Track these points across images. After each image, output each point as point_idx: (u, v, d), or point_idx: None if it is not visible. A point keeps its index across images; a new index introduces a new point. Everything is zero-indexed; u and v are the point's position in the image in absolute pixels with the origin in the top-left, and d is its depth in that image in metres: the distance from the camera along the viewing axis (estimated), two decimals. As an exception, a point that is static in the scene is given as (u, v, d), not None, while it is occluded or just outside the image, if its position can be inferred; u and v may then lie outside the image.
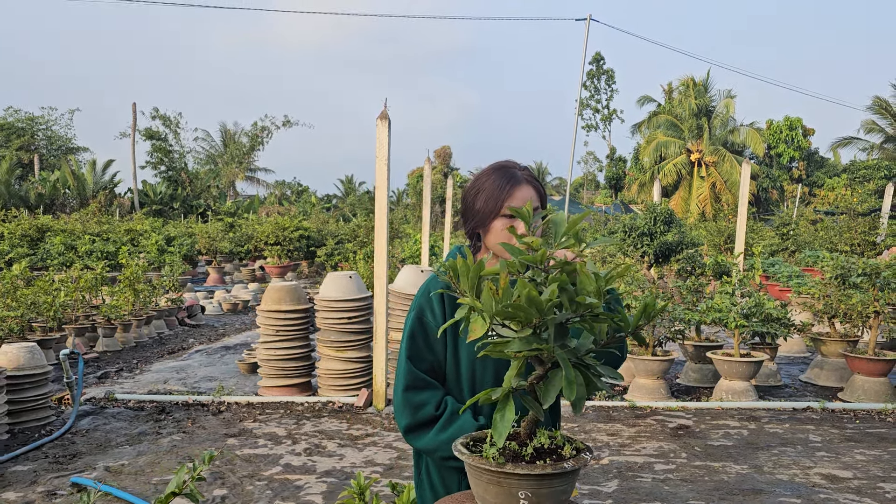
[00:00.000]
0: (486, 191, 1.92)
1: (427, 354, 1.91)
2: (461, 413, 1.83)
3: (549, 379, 1.29)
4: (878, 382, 6.79)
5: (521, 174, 1.94)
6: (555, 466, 1.28)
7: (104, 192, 34.88)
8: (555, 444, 1.45)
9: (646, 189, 37.49)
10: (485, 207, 1.91)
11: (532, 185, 1.93)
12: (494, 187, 1.90)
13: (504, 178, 1.91)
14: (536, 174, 19.41)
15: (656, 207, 15.76)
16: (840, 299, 7.33)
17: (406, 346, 1.91)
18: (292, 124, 42.70)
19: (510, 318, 1.15)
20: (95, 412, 6.38)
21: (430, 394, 1.87)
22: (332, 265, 19.13)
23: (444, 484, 1.95)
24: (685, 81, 38.31)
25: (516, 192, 1.89)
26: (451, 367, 1.93)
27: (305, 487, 4.58)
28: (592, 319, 1.20)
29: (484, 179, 1.94)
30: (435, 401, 1.87)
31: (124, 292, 10.27)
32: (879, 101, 37.61)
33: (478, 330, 1.32)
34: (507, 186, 1.89)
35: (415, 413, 1.86)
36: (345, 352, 6.84)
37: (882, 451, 5.35)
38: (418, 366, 1.90)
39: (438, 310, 1.92)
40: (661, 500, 4.37)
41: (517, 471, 1.26)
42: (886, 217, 17.64)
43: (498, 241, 1.90)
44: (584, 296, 1.12)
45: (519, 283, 1.12)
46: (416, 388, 1.88)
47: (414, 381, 1.88)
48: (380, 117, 6.34)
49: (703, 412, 6.48)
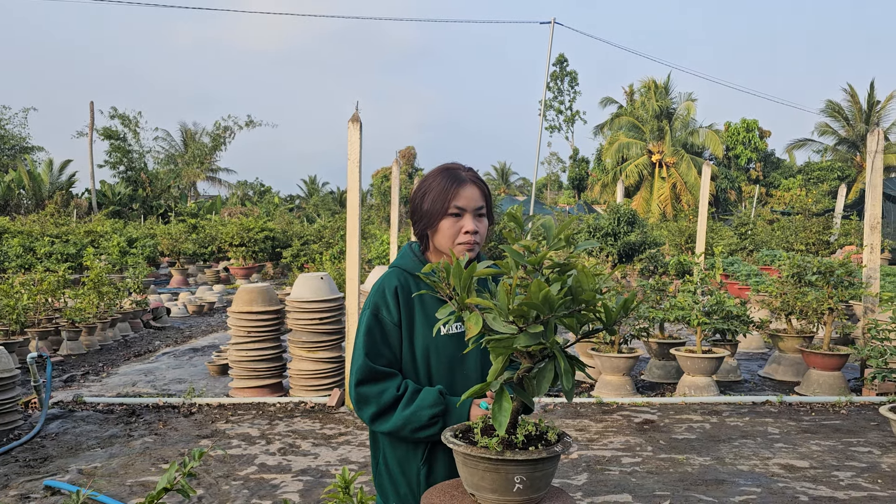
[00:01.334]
0: (432, 192, 2.01)
1: (384, 349, 1.99)
2: (458, 405, 1.93)
3: (540, 371, 1.39)
4: (833, 376, 7.08)
5: (465, 175, 2.03)
6: (548, 451, 1.39)
7: (61, 193, 34.13)
8: (539, 431, 1.56)
9: (608, 189, 38.01)
10: (432, 208, 2.00)
11: (476, 184, 2.02)
12: (440, 188, 1.99)
13: (449, 179, 2.00)
14: (501, 174, 19.71)
15: (620, 208, 16.06)
16: (796, 297, 7.60)
17: (363, 342, 1.99)
18: (255, 124, 42.35)
19: (521, 315, 1.25)
20: (64, 416, 6.32)
21: (388, 382, 1.96)
22: (298, 266, 19.05)
23: (402, 470, 2.03)
24: (646, 84, 38.94)
25: (461, 191, 1.98)
26: (408, 359, 2.01)
27: (282, 486, 4.63)
28: (582, 315, 1.31)
29: (430, 181, 2.03)
30: (395, 385, 1.95)
31: (88, 295, 10.13)
32: (832, 104, 38.77)
33: (473, 328, 1.42)
34: (452, 187, 1.98)
35: (378, 399, 1.94)
36: (316, 352, 6.88)
37: (836, 441, 5.60)
38: (376, 361, 1.98)
39: (393, 305, 2.00)
40: (628, 492, 4.52)
41: (516, 457, 1.37)
42: (840, 217, 18.24)
43: (445, 240, 2.00)
44: (590, 293, 1.22)
45: (535, 283, 1.22)
46: (373, 380, 1.96)
47: (371, 375, 1.96)
48: (351, 120, 6.41)
49: (667, 407, 6.68)
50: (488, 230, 2.07)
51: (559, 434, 1.53)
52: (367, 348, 1.97)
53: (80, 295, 10.14)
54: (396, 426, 1.93)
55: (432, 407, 1.91)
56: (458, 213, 1.98)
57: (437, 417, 1.91)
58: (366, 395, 1.95)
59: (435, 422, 1.91)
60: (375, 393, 1.94)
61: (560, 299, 1.24)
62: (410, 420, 1.91)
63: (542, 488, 1.45)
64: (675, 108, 38.41)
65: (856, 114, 38.30)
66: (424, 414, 1.90)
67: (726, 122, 41.49)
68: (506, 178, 56.42)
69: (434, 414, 1.90)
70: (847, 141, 38.94)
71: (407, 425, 1.92)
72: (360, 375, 1.96)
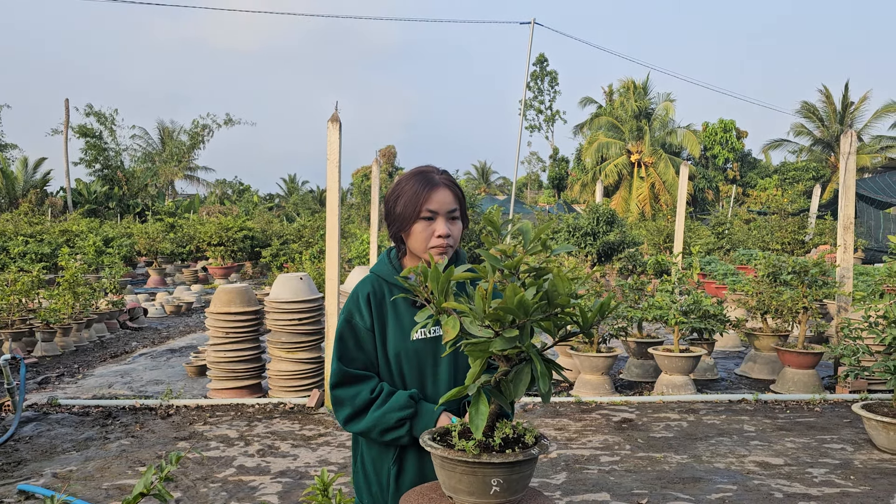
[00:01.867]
0: (405, 195, 2.02)
1: (357, 354, 2.03)
2: (436, 408, 1.95)
3: (517, 374, 1.40)
4: (807, 374, 7.18)
5: (438, 178, 2.03)
6: (525, 453, 1.40)
7: (35, 192, 33.67)
8: (517, 434, 1.57)
9: (588, 189, 38.24)
10: (404, 211, 2.01)
11: (449, 187, 2.03)
12: (412, 192, 2.00)
13: (421, 183, 2.01)
14: (482, 173, 19.74)
15: (599, 208, 16.16)
16: (772, 296, 7.70)
17: (336, 347, 2.04)
18: (234, 123, 42.01)
19: (497, 319, 1.26)
20: (38, 418, 6.23)
21: (364, 385, 2.00)
22: (277, 266, 18.94)
23: (375, 469, 2.07)
24: (626, 84, 39.22)
25: (433, 195, 1.99)
26: (382, 364, 2.05)
27: (260, 488, 4.61)
28: (559, 318, 1.32)
29: (403, 184, 2.04)
30: (369, 387, 1.99)
31: (63, 295, 9.99)
32: (807, 105, 39.31)
33: (450, 332, 1.42)
34: (423, 190, 1.99)
35: (353, 401, 1.98)
36: (296, 353, 6.85)
37: (810, 438, 5.68)
38: (349, 365, 2.02)
39: (366, 311, 2.03)
40: (607, 490, 4.56)
41: (493, 460, 1.38)
42: (814, 217, 18.49)
43: (418, 243, 2.02)
44: (565, 297, 1.24)
45: (510, 287, 1.23)
46: (347, 383, 2.01)
47: (344, 378, 2.01)
48: (331, 120, 6.39)
49: (645, 406, 6.74)
50: (463, 232, 2.08)
51: (537, 436, 1.54)
52: (340, 353, 2.02)
53: (55, 295, 10.01)
54: (367, 427, 1.97)
55: (401, 410, 1.94)
56: (430, 217, 1.99)
57: (405, 420, 1.94)
58: (341, 398, 2.00)
59: (402, 424, 1.94)
60: (350, 395, 1.98)
61: (535, 304, 1.25)
62: (380, 422, 1.95)
63: (519, 490, 1.46)
64: (654, 108, 38.73)
65: (830, 115, 38.87)
66: (392, 417, 1.94)
67: (704, 123, 41.93)
68: (486, 178, 56.54)
69: (402, 417, 1.94)
70: (822, 141, 39.51)
71: (376, 426, 1.96)
72: (335, 379, 2.01)
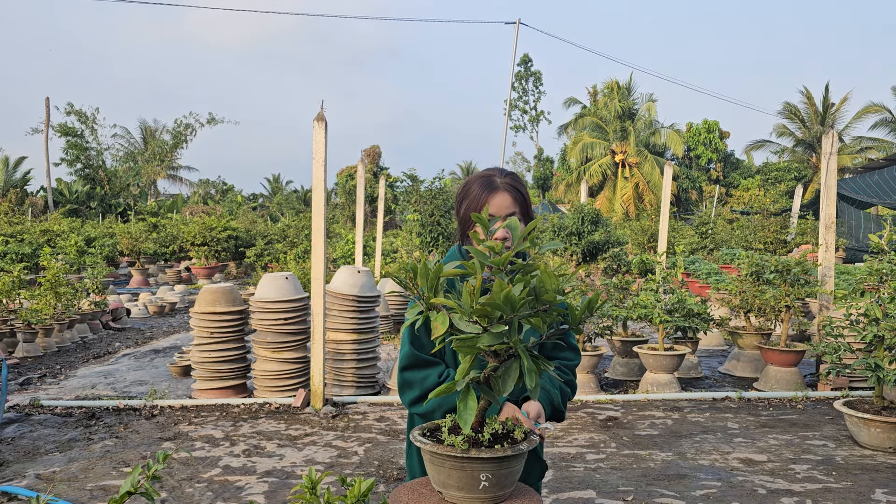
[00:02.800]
0: (468, 198, 2.12)
1: (428, 340, 2.08)
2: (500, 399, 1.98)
3: (506, 370, 1.41)
4: (790, 372, 7.26)
5: (500, 181, 2.11)
6: (513, 449, 1.41)
7: (15, 191, 33.31)
8: (506, 429, 1.58)
9: (572, 189, 38.39)
10: (466, 214, 2.11)
11: (509, 191, 2.10)
12: (474, 196, 2.10)
13: (482, 187, 2.10)
14: (467, 173, 19.86)
15: (584, 208, 16.22)
16: (755, 295, 7.77)
17: (408, 332, 2.08)
18: (217, 122, 41.77)
19: (484, 315, 1.27)
20: (20, 419, 6.17)
21: (432, 369, 2.08)
22: (262, 266, 18.86)
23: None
24: (609, 84, 39.42)
25: (492, 199, 2.07)
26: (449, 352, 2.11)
27: (247, 488, 4.59)
28: (547, 314, 1.33)
29: (468, 187, 2.14)
30: (437, 372, 2.07)
31: (45, 295, 9.89)
32: (789, 106, 39.70)
33: (440, 327, 1.43)
34: (483, 194, 2.08)
35: (422, 383, 2.06)
36: (281, 353, 6.82)
37: (793, 435, 5.74)
38: (421, 350, 2.08)
39: None
40: (593, 488, 4.59)
41: (482, 455, 1.38)
42: (796, 217, 18.66)
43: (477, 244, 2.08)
44: (552, 294, 1.25)
45: (497, 283, 1.24)
46: (417, 366, 2.08)
47: (416, 362, 2.08)
48: (316, 119, 6.37)
49: (630, 404, 6.78)
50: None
51: (526, 432, 1.55)
52: (411, 339, 2.08)
53: (37, 296, 9.90)
54: (433, 407, 2.03)
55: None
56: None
57: None
58: (410, 380, 2.08)
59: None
60: (419, 378, 2.06)
61: (522, 300, 1.26)
62: (445, 402, 2.00)
63: (508, 486, 1.47)
64: (638, 108, 38.95)
65: (812, 116, 39.28)
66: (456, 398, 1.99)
67: (688, 123, 42.27)
68: (471, 178, 56.49)
69: None
70: (804, 142, 39.92)
71: (441, 407, 2.01)
72: (406, 362, 2.08)
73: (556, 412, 2.10)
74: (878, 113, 37.54)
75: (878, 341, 5.41)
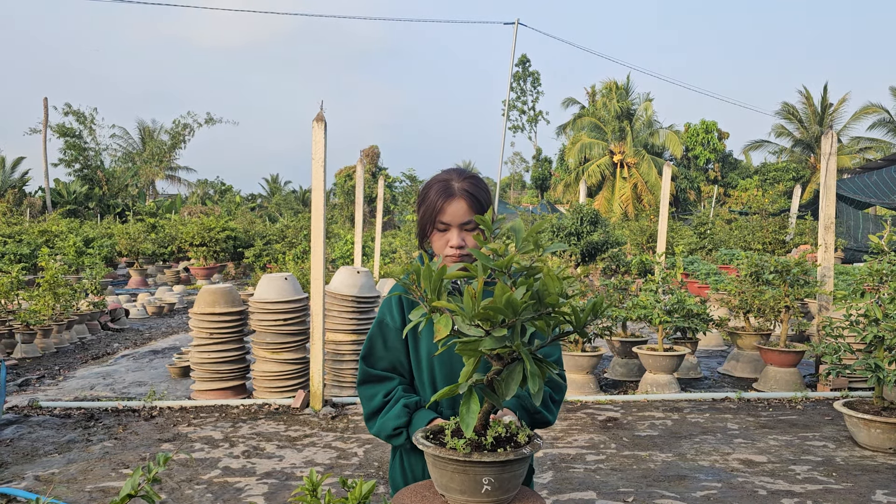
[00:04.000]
0: (425, 204, 2.04)
1: (384, 353, 2.06)
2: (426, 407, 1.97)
3: (509, 373, 1.40)
4: (789, 373, 7.26)
5: (457, 187, 2.00)
6: (516, 453, 1.40)
7: (13, 191, 33.26)
8: (509, 433, 1.57)
9: (571, 189, 38.39)
10: (422, 221, 2.05)
11: (466, 198, 2.00)
12: (430, 202, 2.02)
13: (438, 193, 2.01)
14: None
15: (583, 208, 16.22)
16: (754, 295, 7.77)
17: (364, 347, 2.08)
18: (215, 122, 41.72)
19: (486, 318, 1.26)
20: (19, 421, 6.15)
21: (381, 386, 2.04)
22: (260, 266, 18.84)
23: (411, 465, 2.09)
24: (608, 85, 39.44)
25: (447, 207, 1.98)
26: (414, 365, 2.08)
27: (246, 489, 4.58)
28: (550, 317, 1.32)
29: (426, 192, 2.06)
30: (385, 391, 2.03)
31: (43, 296, 9.87)
32: (788, 106, 39.73)
33: (442, 330, 1.42)
34: (438, 201, 2.00)
35: (369, 403, 2.04)
36: (281, 353, 6.81)
37: (793, 436, 5.74)
38: (373, 365, 2.06)
39: (397, 312, 2.08)
40: (593, 489, 4.58)
41: (484, 459, 1.38)
42: (795, 217, 18.67)
43: (437, 251, 2.05)
44: (554, 296, 1.24)
45: (499, 286, 1.24)
46: (368, 382, 2.05)
47: (366, 378, 2.06)
48: (316, 119, 6.36)
49: (630, 405, 6.78)
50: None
51: (529, 435, 1.54)
52: (365, 352, 2.07)
53: (35, 296, 9.88)
54: (376, 432, 2.04)
55: (397, 418, 1.98)
56: (444, 228, 2.01)
57: (401, 429, 1.98)
58: (361, 398, 2.07)
59: (399, 433, 1.99)
60: (368, 396, 2.04)
61: (525, 303, 1.25)
62: (382, 428, 2.01)
63: (511, 490, 1.47)
64: (636, 108, 38.96)
65: (810, 116, 39.32)
66: (390, 425, 1.99)
67: (686, 123, 42.27)
68: (470, 178, 56.45)
69: (397, 426, 1.98)
70: (802, 142, 39.95)
71: (381, 432, 2.02)
72: (358, 377, 2.08)
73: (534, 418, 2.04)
74: (876, 113, 37.60)
75: (878, 342, 5.41)
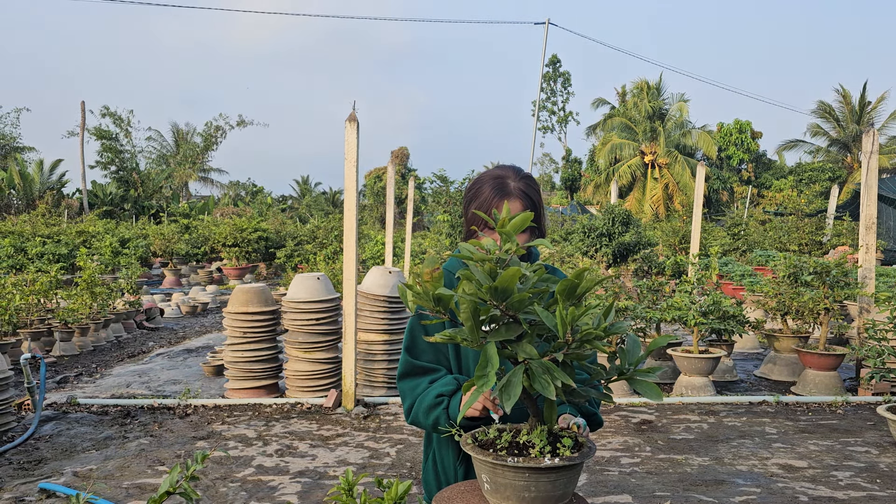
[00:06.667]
0: (478, 199, 1.97)
1: (426, 346, 2.02)
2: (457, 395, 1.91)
3: (512, 373, 1.37)
4: (829, 376, 7.09)
5: (513, 186, 1.96)
6: (568, 459, 1.36)
7: (52, 193, 33.91)
8: (558, 438, 1.53)
9: (601, 190, 38.07)
10: (474, 216, 1.98)
11: (521, 199, 1.95)
12: (483, 198, 1.95)
13: (494, 190, 1.95)
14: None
15: (614, 209, 16.05)
16: (792, 297, 7.61)
17: (406, 339, 2.04)
18: (247, 124, 42.22)
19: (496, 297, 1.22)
20: (58, 417, 6.26)
21: (425, 377, 1.99)
22: (292, 266, 18.98)
23: (444, 468, 2.05)
24: (639, 85, 39.00)
25: (503, 205, 1.89)
26: (452, 356, 2.03)
27: (280, 488, 4.59)
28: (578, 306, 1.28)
29: (480, 186, 1.99)
30: (429, 379, 1.98)
31: (81, 295, 10.05)
32: (824, 105, 38.93)
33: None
34: (493, 199, 1.94)
35: (412, 392, 1.99)
36: (313, 353, 6.84)
37: (834, 441, 5.60)
38: (418, 356, 2.01)
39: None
40: (628, 492, 4.51)
41: (529, 465, 1.34)
42: (832, 218, 18.28)
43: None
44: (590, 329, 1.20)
45: (510, 270, 1.20)
46: (413, 374, 2.01)
47: (410, 369, 2.01)
48: (348, 120, 6.37)
49: (664, 407, 6.68)
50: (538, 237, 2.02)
51: (582, 442, 1.50)
52: (407, 345, 2.03)
53: (73, 296, 10.07)
54: (416, 407, 1.95)
55: (444, 386, 1.91)
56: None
57: (443, 397, 1.90)
58: (403, 390, 2.02)
59: (440, 402, 1.90)
60: (411, 387, 1.99)
61: (534, 285, 1.21)
62: (423, 399, 1.93)
63: (562, 498, 1.43)
64: (668, 108, 38.49)
65: (847, 115, 38.47)
66: (432, 393, 1.92)
67: (719, 123, 41.63)
68: (499, 179, 56.26)
69: (441, 392, 1.90)
70: (838, 142, 39.11)
71: (421, 404, 1.94)
72: (400, 370, 2.03)
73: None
74: (915, 112, 36.64)
75: (923, 345, 5.26)
